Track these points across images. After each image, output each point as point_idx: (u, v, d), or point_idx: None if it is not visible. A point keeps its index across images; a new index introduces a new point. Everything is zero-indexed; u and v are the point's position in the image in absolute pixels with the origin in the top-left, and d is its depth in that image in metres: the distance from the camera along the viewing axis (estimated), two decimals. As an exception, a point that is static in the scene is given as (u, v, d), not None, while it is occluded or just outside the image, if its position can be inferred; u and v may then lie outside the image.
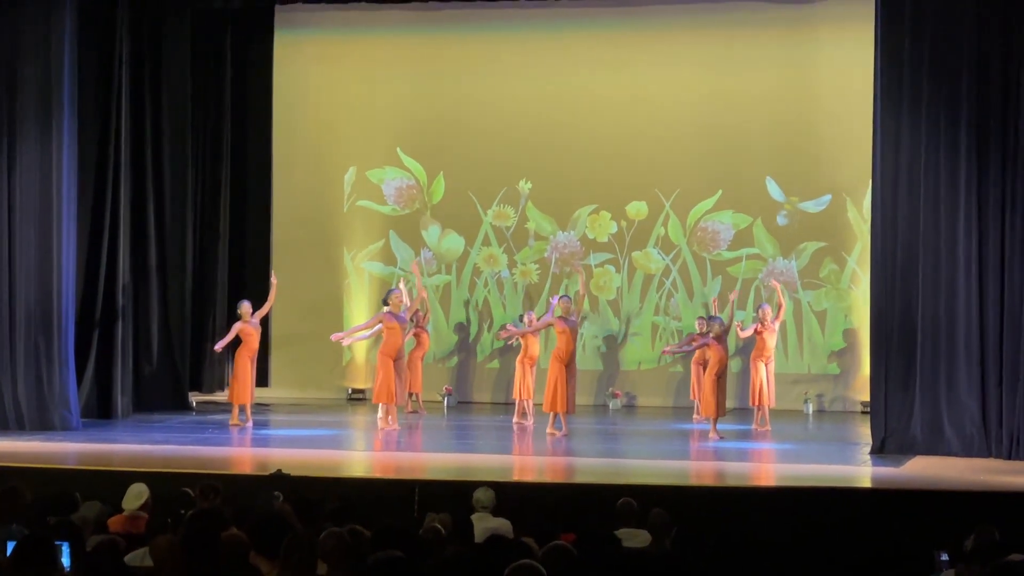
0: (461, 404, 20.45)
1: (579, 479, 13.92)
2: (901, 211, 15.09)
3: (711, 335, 16.87)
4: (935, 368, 14.95)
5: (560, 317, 16.83)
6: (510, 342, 19.56)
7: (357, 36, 21.11)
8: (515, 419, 17.81)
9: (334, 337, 18.05)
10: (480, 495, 10.14)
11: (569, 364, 16.73)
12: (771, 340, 17.59)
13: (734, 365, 18.95)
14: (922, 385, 14.97)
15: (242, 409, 17.58)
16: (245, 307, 17.71)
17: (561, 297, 17.24)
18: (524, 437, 17.04)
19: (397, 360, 17.07)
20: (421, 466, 14.66)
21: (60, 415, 16.72)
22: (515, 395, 18.03)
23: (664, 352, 19.65)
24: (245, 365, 17.56)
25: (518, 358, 18.05)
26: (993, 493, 12.63)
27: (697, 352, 18.12)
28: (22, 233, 16.72)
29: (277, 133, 21.23)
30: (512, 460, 15.35)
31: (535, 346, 18.01)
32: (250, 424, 17.53)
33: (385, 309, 17.29)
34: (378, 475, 14.08)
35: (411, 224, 21.09)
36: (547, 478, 14.09)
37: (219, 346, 18.35)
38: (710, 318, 17.63)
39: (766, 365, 17.53)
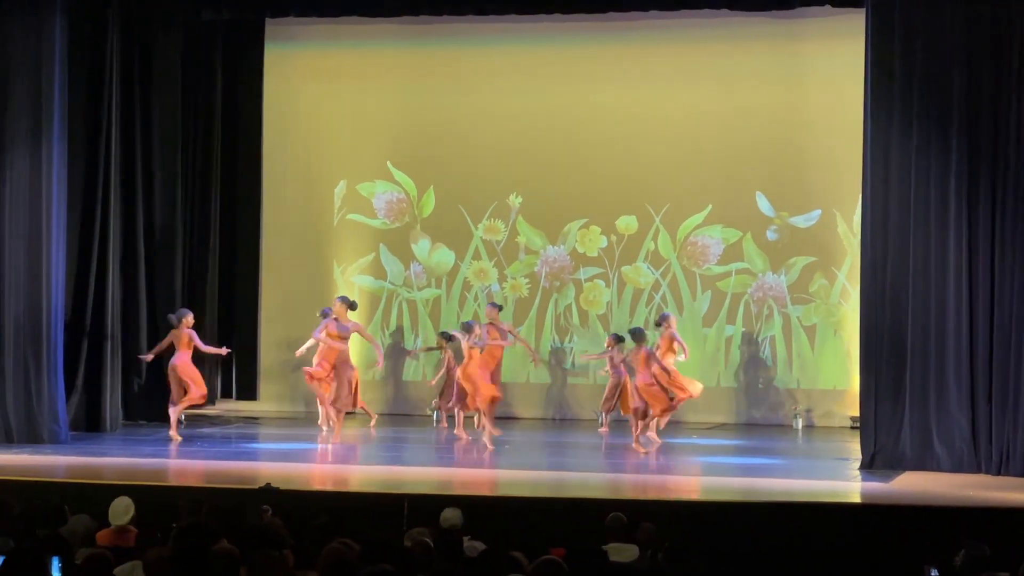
0: (451, 418, 20.40)
1: (569, 493, 13.90)
2: (891, 226, 15.11)
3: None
4: (925, 383, 14.96)
5: (492, 324, 17.06)
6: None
7: (348, 49, 21.10)
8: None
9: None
10: (448, 514, 10.15)
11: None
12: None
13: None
14: (912, 400, 14.98)
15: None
16: (190, 318, 17.70)
17: (493, 304, 17.79)
18: (512, 452, 17.00)
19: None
20: (410, 480, 14.64)
21: (49, 428, 16.67)
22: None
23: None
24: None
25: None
26: (982, 509, 12.64)
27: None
28: (11, 246, 16.68)
29: (267, 146, 21.19)
30: (500, 475, 15.32)
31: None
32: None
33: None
34: (367, 489, 14.07)
35: (401, 238, 21.08)
36: (536, 492, 14.06)
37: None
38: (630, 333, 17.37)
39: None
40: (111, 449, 16.53)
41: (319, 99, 21.20)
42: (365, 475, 15.53)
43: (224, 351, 18.37)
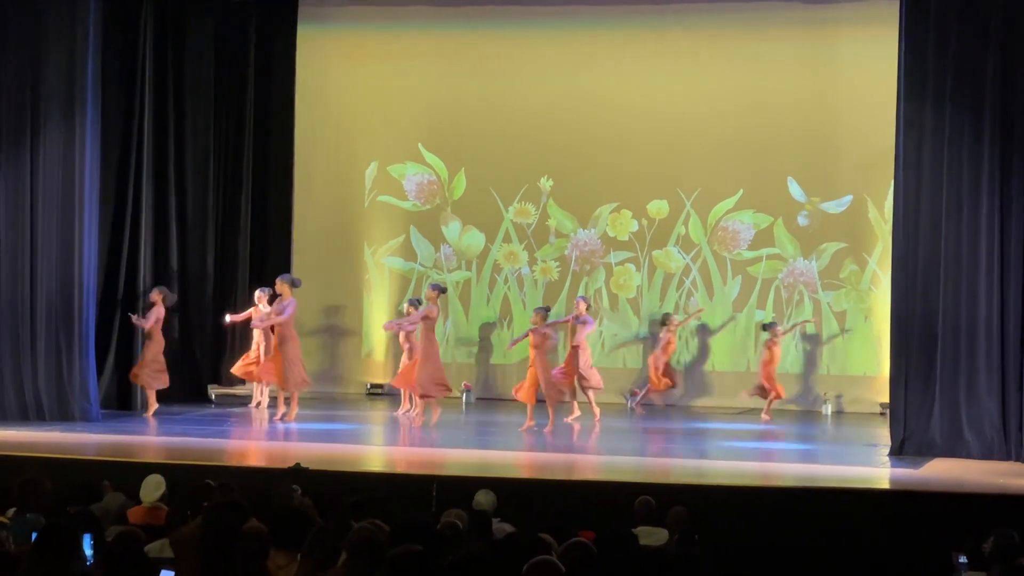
0: (480, 400, 20.45)
1: (599, 477, 13.91)
2: (923, 212, 15.05)
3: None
4: (955, 370, 14.91)
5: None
6: None
7: (380, 31, 21.10)
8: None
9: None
10: (481, 497, 10.17)
11: None
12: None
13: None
14: (942, 387, 14.93)
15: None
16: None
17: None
18: (542, 435, 17.00)
19: None
20: (440, 462, 14.67)
21: (80, 406, 16.75)
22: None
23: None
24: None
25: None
26: (1012, 496, 12.62)
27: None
28: (44, 224, 16.76)
29: (299, 127, 21.21)
30: (530, 457, 15.33)
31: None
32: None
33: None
34: (397, 470, 14.12)
35: (432, 220, 21.10)
36: (566, 475, 14.07)
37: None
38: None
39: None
40: (141, 427, 16.62)
41: (351, 80, 21.21)
42: (394, 456, 15.58)
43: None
